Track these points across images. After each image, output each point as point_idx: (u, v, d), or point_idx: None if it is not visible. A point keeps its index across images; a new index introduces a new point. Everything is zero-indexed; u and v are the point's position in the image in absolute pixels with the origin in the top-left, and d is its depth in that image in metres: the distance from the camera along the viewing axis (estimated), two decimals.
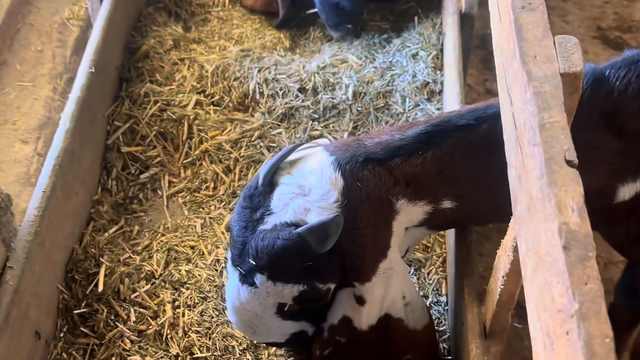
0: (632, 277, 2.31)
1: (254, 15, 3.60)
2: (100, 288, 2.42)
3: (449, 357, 2.33)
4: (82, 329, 2.35)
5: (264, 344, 2.32)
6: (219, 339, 2.35)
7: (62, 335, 2.32)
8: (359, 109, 3.03)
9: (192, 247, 2.63)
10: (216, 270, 2.55)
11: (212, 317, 2.41)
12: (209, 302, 2.45)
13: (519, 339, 2.82)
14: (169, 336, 2.34)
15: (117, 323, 2.35)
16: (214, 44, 3.36)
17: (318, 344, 2.09)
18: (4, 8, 3.01)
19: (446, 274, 2.52)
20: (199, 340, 2.34)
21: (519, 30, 1.58)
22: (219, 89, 3.11)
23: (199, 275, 2.52)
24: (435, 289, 2.52)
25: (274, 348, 2.32)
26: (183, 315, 2.39)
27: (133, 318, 2.37)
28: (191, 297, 2.45)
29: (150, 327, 2.36)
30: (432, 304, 2.47)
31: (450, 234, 2.41)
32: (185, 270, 2.53)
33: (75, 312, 2.36)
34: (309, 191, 1.92)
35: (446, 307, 2.45)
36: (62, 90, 3.05)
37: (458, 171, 1.97)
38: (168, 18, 3.42)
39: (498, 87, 1.73)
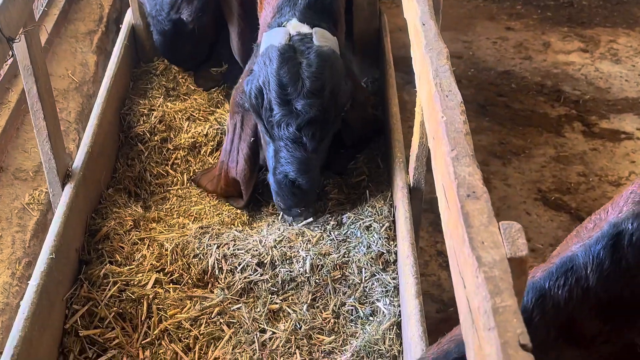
0: None
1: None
2: None
3: None
4: None
5: None
6: None
7: None
8: (317, 280, 3.09)
9: None
10: None
11: None
12: None
13: None
14: None
15: None
16: (174, 221, 3.44)
17: None
18: None
19: None
20: None
21: (466, 217, 1.70)
22: (178, 267, 3.15)
23: None
24: None
25: None
26: None
27: None
28: None
29: None
30: None
31: None
32: None
33: None
34: None
35: None
36: (21, 275, 3.04)
37: None
38: (128, 199, 3.51)
39: (450, 268, 1.82)
